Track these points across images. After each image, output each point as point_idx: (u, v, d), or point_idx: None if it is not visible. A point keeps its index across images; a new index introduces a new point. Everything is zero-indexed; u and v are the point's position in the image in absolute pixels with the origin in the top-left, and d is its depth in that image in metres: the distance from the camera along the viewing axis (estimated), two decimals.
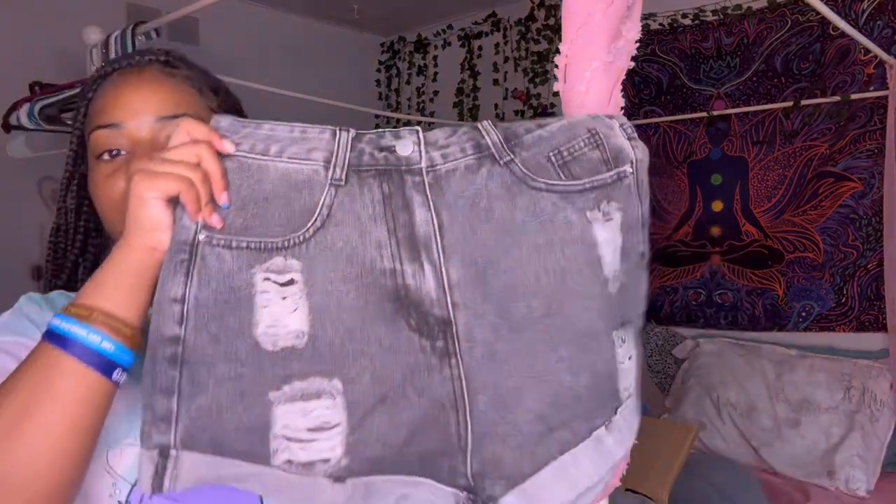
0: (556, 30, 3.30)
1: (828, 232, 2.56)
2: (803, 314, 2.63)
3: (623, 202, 0.58)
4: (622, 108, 0.66)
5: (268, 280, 0.55)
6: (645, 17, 2.75)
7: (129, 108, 0.67)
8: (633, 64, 0.67)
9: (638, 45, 0.66)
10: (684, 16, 2.84)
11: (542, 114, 3.39)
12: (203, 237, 0.55)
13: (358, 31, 3.97)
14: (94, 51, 1.87)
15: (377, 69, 4.13)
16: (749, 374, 2.50)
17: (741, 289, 2.78)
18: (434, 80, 3.92)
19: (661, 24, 2.93)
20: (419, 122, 3.87)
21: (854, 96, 2.39)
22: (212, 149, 0.56)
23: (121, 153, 0.68)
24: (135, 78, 0.69)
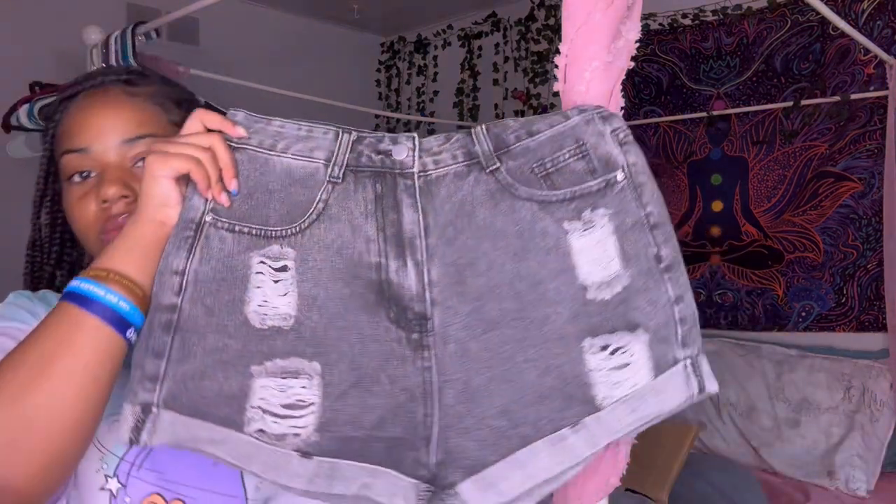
0: (556, 30, 3.30)
1: (828, 232, 2.56)
2: (803, 314, 2.63)
3: (615, 207, 0.61)
4: (622, 108, 0.66)
5: (263, 264, 0.60)
6: (645, 17, 2.75)
7: (95, 132, 0.71)
8: (633, 64, 0.67)
9: (638, 45, 0.66)
10: (684, 16, 2.84)
11: (542, 114, 3.39)
12: (209, 218, 0.60)
13: (358, 31, 3.97)
14: (94, 51, 1.87)
15: (377, 69, 4.13)
16: (749, 374, 2.50)
17: (741, 289, 2.78)
18: (434, 80, 3.92)
19: (661, 24, 2.93)
20: (419, 122, 3.88)
21: (854, 96, 2.39)
22: (223, 138, 0.61)
23: (91, 175, 0.71)
24: (99, 101, 0.72)
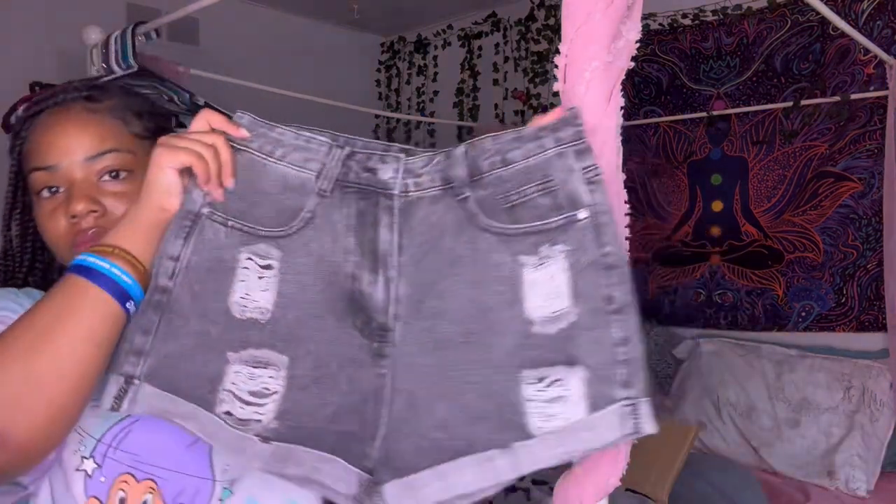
0: (556, 30, 3.30)
1: (828, 232, 2.56)
2: (803, 314, 2.63)
3: (573, 245, 0.62)
4: (622, 107, 0.66)
5: (251, 260, 0.65)
6: (645, 17, 2.75)
7: (61, 150, 0.75)
8: (633, 64, 0.67)
9: (638, 45, 0.66)
10: (684, 16, 2.84)
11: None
12: (206, 211, 0.65)
13: (358, 31, 3.97)
14: (94, 51, 1.87)
15: (377, 69, 4.13)
16: (749, 374, 2.50)
17: (741, 289, 2.78)
18: (434, 80, 3.92)
19: (661, 24, 2.93)
20: (419, 122, 3.88)
21: (854, 96, 2.39)
22: (226, 139, 0.66)
23: (59, 190, 0.75)
24: (62, 119, 0.76)
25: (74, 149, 0.75)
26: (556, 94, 0.67)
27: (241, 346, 0.64)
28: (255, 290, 0.65)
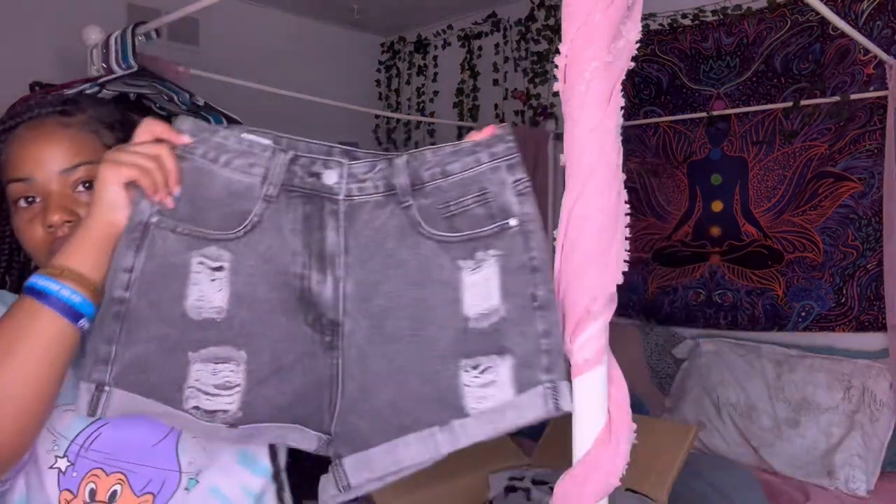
0: (556, 30, 3.30)
1: (827, 232, 2.56)
2: (803, 314, 2.63)
3: (504, 249, 0.69)
4: (622, 107, 0.66)
5: (202, 264, 0.68)
6: (645, 17, 2.75)
7: (36, 163, 0.79)
8: (633, 64, 0.67)
9: (638, 45, 0.66)
10: (684, 16, 2.84)
11: (542, 114, 3.39)
12: (155, 220, 0.68)
13: (358, 31, 3.97)
14: (94, 51, 1.87)
15: (377, 69, 4.14)
16: (749, 374, 2.50)
17: (741, 289, 2.78)
18: (434, 80, 3.92)
19: (661, 24, 2.93)
20: (419, 122, 3.88)
21: (854, 96, 2.39)
22: (169, 149, 0.68)
23: (36, 199, 0.79)
24: (38, 133, 0.80)
25: (49, 162, 0.79)
26: (556, 94, 0.68)
27: (201, 345, 0.68)
28: (209, 292, 0.68)
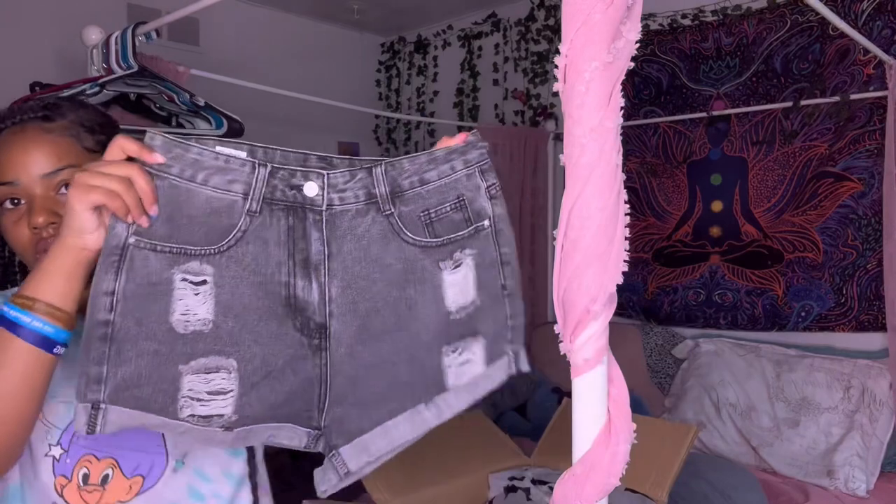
0: (556, 30, 3.31)
1: (827, 232, 2.57)
2: (803, 314, 2.63)
3: (478, 248, 0.76)
4: (622, 108, 0.66)
5: (185, 280, 0.69)
6: (645, 17, 2.75)
7: (20, 167, 0.81)
8: (633, 64, 0.67)
9: (638, 45, 0.66)
10: (684, 16, 2.84)
11: (542, 114, 3.39)
12: (133, 241, 0.68)
13: (358, 32, 3.97)
14: (94, 51, 1.87)
15: (377, 69, 4.14)
16: (749, 374, 2.50)
17: (741, 289, 2.78)
18: (434, 80, 3.92)
19: (660, 24, 2.93)
20: (419, 122, 3.88)
21: (854, 96, 2.39)
22: (142, 169, 0.67)
23: (21, 202, 0.83)
24: (21, 138, 0.82)
25: (32, 167, 0.81)
26: (556, 94, 0.68)
27: (191, 357, 0.69)
28: (194, 306, 0.69)
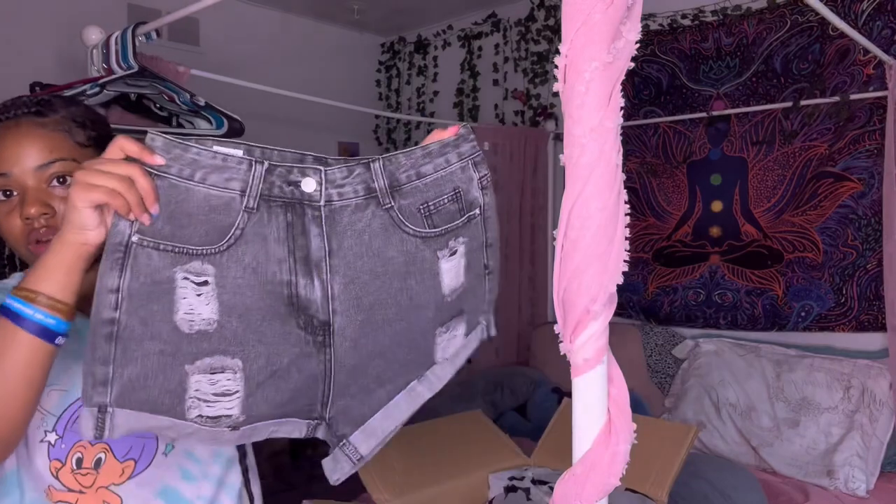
0: (556, 30, 3.31)
1: (827, 232, 2.57)
2: (803, 314, 2.63)
3: (470, 235, 0.80)
4: (622, 108, 0.66)
5: (186, 279, 0.69)
6: (645, 17, 2.76)
7: (13, 159, 0.84)
8: (632, 64, 0.67)
9: (638, 45, 0.66)
10: (684, 16, 2.85)
11: (542, 114, 3.39)
12: (136, 239, 0.68)
13: (358, 32, 3.97)
14: (94, 51, 1.87)
15: (377, 69, 4.14)
16: (749, 374, 2.50)
17: (741, 289, 2.79)
18: (434, 80, 3.92)
19: (660, 24, 2.93)
20: (419, 123, 3.88)
21: (853, 96, 2.39)
22: (143, 169, 0.68)
23: (14, 194, 0.85)
24: (14, 131, 0.85)
25: (25, 158, 0.84)
26: (556, 94, 0.68)
27: (196, 357, 0.70)
28: (197, 305, 0.70)
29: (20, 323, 0.69)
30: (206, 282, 0.70)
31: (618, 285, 0.66)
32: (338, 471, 0.79)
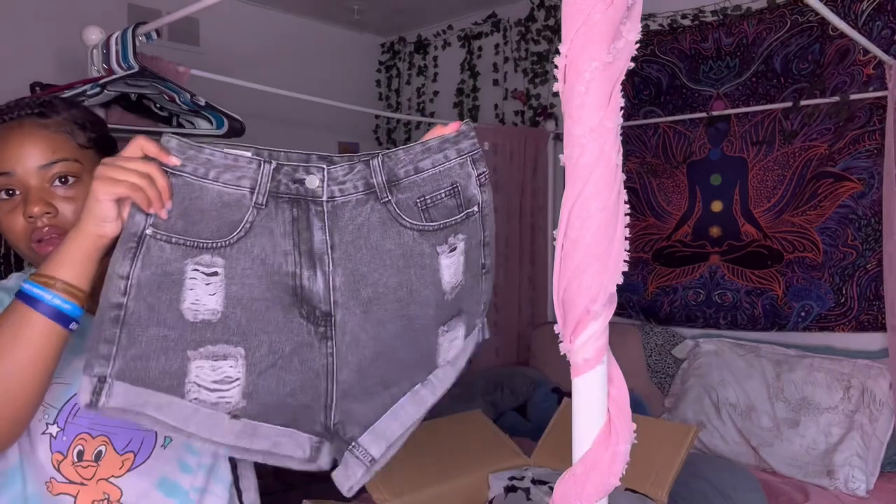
0: (556, 30, 3.31)
1: (827, 232, 2.57)
2: (802, 314, 2.63)
3: (468, 232, 0.81)
4: (622, 108, 0.66)
5: (196, 270, 0.73)
6: (645, 17, 2.75)
7: (17, 159, 0.86)
8: (632, 64, 0.67)
9: (638, 45, 0.66)
10: (684, 16, 2.84)
11: (542, 114, 3.39)
12: (150, 231, 0.72)
13: (358, 32, 3.97)
14: (94, 51, 1.87)
15: (377, 69, 4.14)
16: (748, 374, 2.50)
17: (741, 289, 2.79)
18: (434, 80, 3.92)
19: (660, 24, 2.93)
20: (419, 123, 3.88)
21: (853, 96, 2.39)
22: (160, 167, 0.73)
23: (16, 193, 0.87)
24: (18, 132, 0.87)
25: (29, 159, 0.86)
26: (556, 95, 0.68)
27: (199, 344, 0.73)
28: (204, 296, 0.73)
29: (37, 307, 0.72)
30: (216, 272, 0.74)
31: (618, 285, 0.66)
32: (350, 478, 0.78)
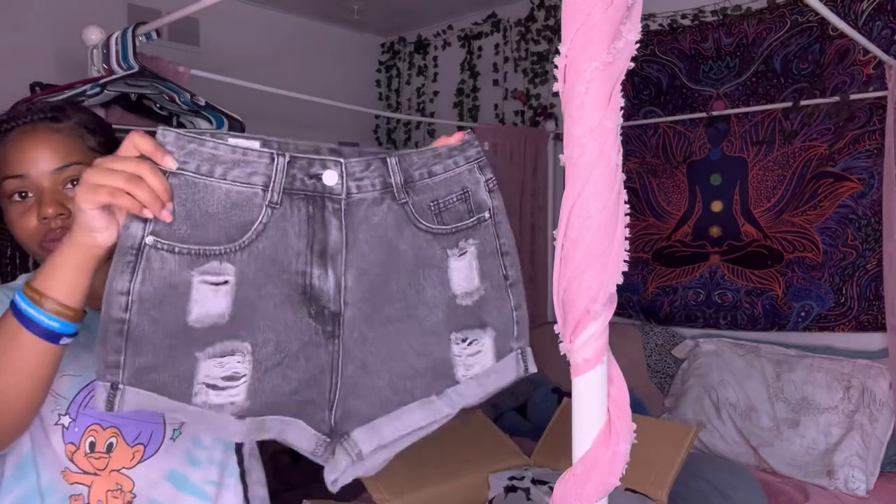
0: (556, 30, 3.31)
1: (827, 232, 2.57)
2: (802, 314, 2.63)
3: (480, 238, 0.81)
4: (622, 108, 0.66)
5: (203, 282, 0.69)
6: (645, 17, 2.75)
7: (31, 162, 0.88)
8: (632, 64, 0.67)
9: (638, 45, 0.66)
10: (684, 16, 2.85)
11: (542, 114, 3.39)
12: (150, 241, 0.67)
13: (358, 32, 3.97)
14: (94, 51, 1.87)
15: (377, 69, 4.14)
16: (748, 374, 2.50)
17: (741, 289, 2.79)
18: (434, 80, 3.92)
19: (660, 24, 2.93)
20: (419, 123, 3.88)
21: (853, 97, 2.39)
22: (154, 166, 0.66)
23: (29, 195, 0.89)
24: (31, 136, 0.89)
25: (42, 161, 0.88)
26: (556, 95, 0.68)
27: (206, 345, 0.70)
28: (211, 305, 0.69)
29: (25, 323, 0.71)
30: (226, 281, 0.69)
31: (618, 285, 0.66)
32: (335, 470, 0.76)
